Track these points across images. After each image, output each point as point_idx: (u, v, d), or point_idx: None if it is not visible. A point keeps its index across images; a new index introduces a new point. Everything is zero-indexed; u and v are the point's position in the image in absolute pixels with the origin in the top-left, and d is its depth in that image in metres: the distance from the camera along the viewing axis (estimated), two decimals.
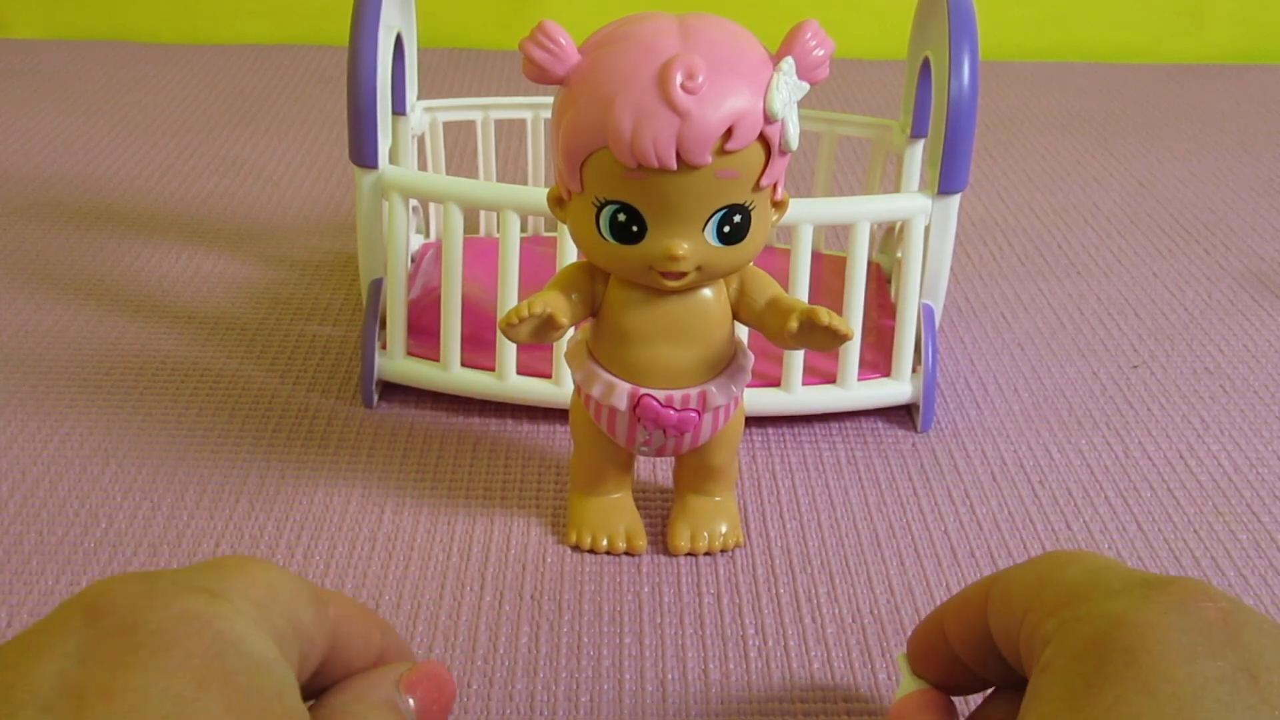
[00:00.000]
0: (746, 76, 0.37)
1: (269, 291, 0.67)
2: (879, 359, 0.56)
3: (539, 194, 0.51)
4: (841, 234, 0.72)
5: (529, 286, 0.49)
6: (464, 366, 0.55)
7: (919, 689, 0.35)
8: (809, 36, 0.38)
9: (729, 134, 0.37)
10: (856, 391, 0.55)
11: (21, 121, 0.93)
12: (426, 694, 0.31)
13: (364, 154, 0.53)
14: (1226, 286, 0.71)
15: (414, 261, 0.65)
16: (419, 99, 0.65)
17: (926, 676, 0.35)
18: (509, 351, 0.54)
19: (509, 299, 0.52)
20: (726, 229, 0.39)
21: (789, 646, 0.43)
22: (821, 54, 0.38)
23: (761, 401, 0.54)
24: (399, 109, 0.61)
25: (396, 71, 0.58)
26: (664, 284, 0.40)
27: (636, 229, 0.39)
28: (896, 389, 0.55)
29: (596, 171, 0.38)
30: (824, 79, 0.39)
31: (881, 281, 0.64)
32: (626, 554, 0.47)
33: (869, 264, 0.58)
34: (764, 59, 0.38)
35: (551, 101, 0.40)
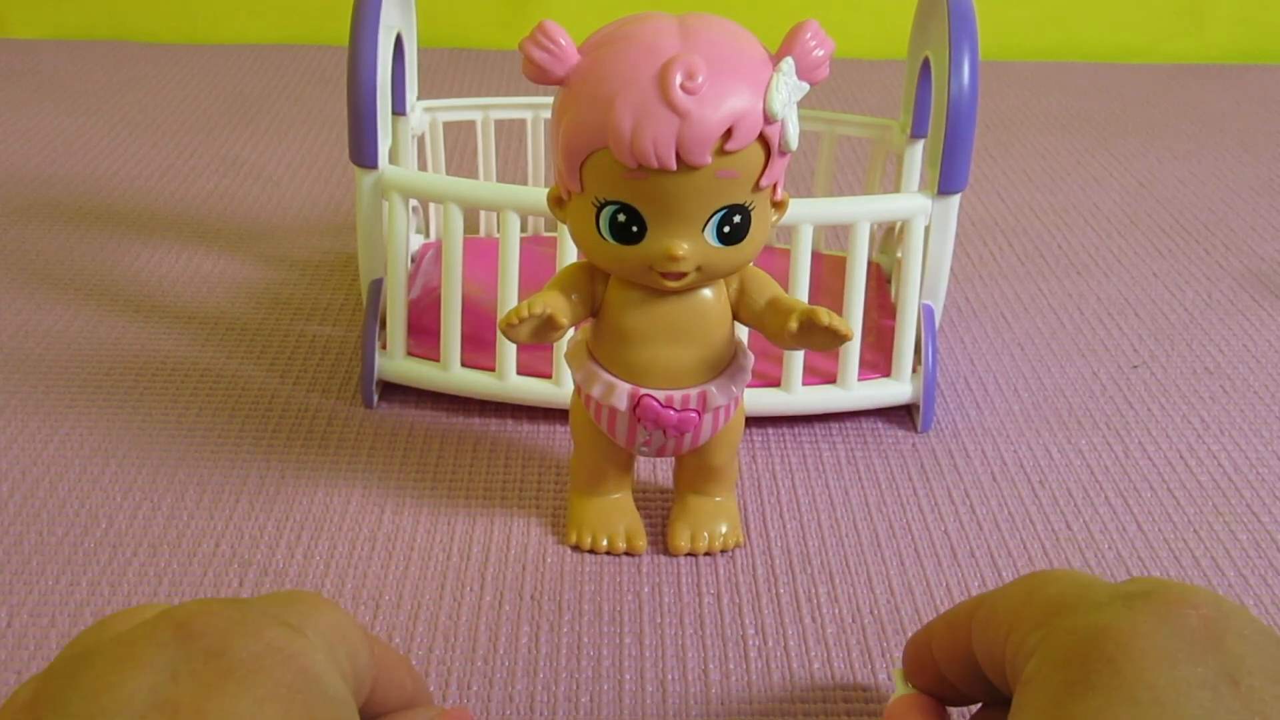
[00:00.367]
0: (746, 77, 0.37)
1: (269, 291, 0.67)
2: (879, 359, 0.56)
3: (539, 194, 0.51)
4: (841, 234, 0.72)
5: (529, 286, 0.49)
6: (464, 366, 0.55)
7: (912, 693, 0.35)
8: (809, 36, 0.38)
9: (729, 134, 0.37)
10: (856, 391, 0.55)
11: (21, 121, 0.93)
12: None
13: (364, 154, 0.53)
14: (1226, 286, 0.71)
15: (414, 261, 0.65)
16: (419, 99, 0.65)
17: (919, 686, 0.35)
18: (509, 352, 0.54)
19: (509, 299, 0.52)
20: (726, 229, 0.39)
21: (789, 646, 0.43)
22: (821, 54, 0.38)
23: (761, 401, 0.54)
24: (399, 109, 0.61)
25: (396, 71, 0.58)
26: (664, 284, 0.40)
27: (636, 229, 0.39)
28: (896, 389, 0.55)
29: (596, 172, 0.38)
30: (824, 79, 0.39)
31: (881, 281, 0.64)
32: (626, 554, 0.47)
33: (869, 264, 0.58)
34: (764, 59, 0.38)
35: (551, 101, 0.40)
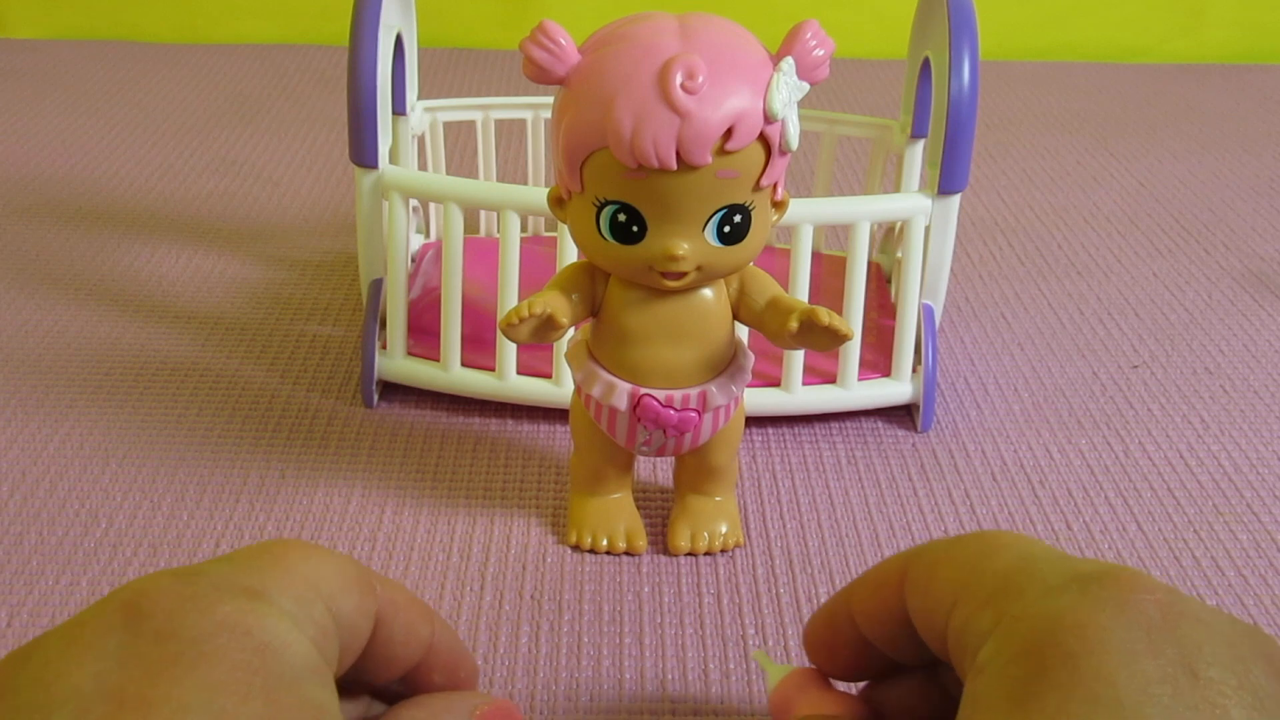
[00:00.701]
0: (746, 77, 0.37)
1: (269, 291, 0.67)
2: (879, 359, 0.56)
3: (539, 194, 0.51)
4: (841, 234, 0.72)
5: (529, 286, 0.49)
6: (464, 366, 0.55)
7: (792, 669, 0.34)
8: (809, 36, 0.38)
9: (729, 134, 0.37)
10: (856, 391, 0.55)
11: (21, 121, 0.93)
12: None
13: (364, 154, 0.53)
14: (1226, 286, 0.71)
15: (414, 261, 0.65)
16: (419, 99, 0.65)
17: (825, 667, 0.34)
18: (509, 351, 0.54)
19: (509, 299, 0.52)
20: (727, 229, 0.39)
21: (789, 646, 0.43)
22: (821, 54, 0.38)
23: (761, 401, 0.54)
24: (399, 109, 0.61)
25: (396, 71, 0.58)
26: (664, 284, 0.40)
27: (636, 229, 0.39)
28: (896, 389, 0.55)
29: (596, 171, 0.38)
30: (824, 79, 0.39)
31: (881, 281, 0.64)
32: (626, 554, 0.47)
33: (869, 264, 0.58)
34: (764, 59, 0.38)
35: (551, 101, 0.40)
